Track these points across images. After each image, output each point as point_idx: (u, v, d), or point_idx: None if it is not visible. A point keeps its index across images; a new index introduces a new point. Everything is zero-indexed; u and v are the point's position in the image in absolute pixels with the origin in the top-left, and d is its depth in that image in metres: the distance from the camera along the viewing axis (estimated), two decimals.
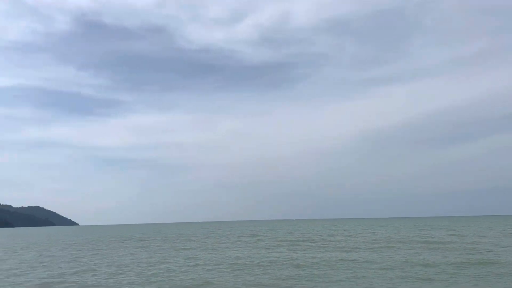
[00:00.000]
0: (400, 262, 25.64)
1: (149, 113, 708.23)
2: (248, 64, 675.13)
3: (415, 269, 22.95)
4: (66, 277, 23.27)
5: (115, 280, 21.75)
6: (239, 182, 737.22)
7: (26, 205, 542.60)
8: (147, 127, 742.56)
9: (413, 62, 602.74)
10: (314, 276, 21.29)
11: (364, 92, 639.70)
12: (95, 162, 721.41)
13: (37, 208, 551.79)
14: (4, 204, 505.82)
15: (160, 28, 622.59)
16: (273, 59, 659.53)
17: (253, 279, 20.89)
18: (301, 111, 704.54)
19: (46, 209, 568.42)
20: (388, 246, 37.87)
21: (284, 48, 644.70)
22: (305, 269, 23.86)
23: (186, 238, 66.85)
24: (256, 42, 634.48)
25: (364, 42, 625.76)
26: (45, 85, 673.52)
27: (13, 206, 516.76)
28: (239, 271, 23.66)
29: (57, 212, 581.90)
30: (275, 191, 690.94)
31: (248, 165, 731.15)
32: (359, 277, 20.67)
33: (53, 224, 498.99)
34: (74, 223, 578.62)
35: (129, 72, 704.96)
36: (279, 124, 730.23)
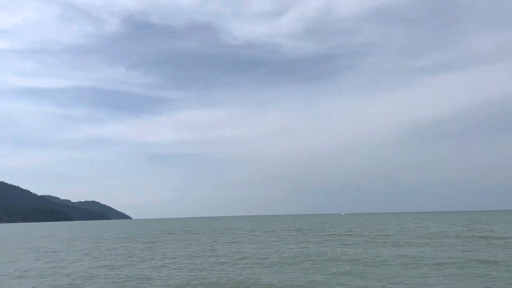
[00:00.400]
0: (455, 258, 24.25)
1: (196, 109, 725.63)
2: (293, 58, 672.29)
3: (472, 265, 21.58)
4: (114, 269, 23.98)
5: (162, 273, 22.09)
6: (287, 176, 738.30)
7: (83, 200, 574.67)
8: (194, 123, 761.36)
9: (465, 48, 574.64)
10: (366, 272, 20.53)
11: (413, 82, 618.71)
12: (146, 157, 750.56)
13: (93, 203, 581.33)
14: (64, 199, 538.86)
15: (204, 25, 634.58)
16: (318, 51, 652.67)
17: (302, 275, 20.46)
18: (348, 103, 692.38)
19: (102, 203, 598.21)
20: (442, 241, 36.08)
21: (329, 39, 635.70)
22: (357, 264, 23.10)
23: (233, 231, 67.44)
24: (300, 35, 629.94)
25: (412, 30, 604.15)
26: (98, 85, 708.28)
27: (72, 201, 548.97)
28: (288, 266, 23.31)
29: (111, 206, 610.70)
30: (323, 185, 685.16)
31: (295, 159, 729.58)
32: (413, 274, 19.68)
33: (108, 218, 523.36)
34: (128, 217, 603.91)
35: (177, 70, 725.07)
36: (326, 116, 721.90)
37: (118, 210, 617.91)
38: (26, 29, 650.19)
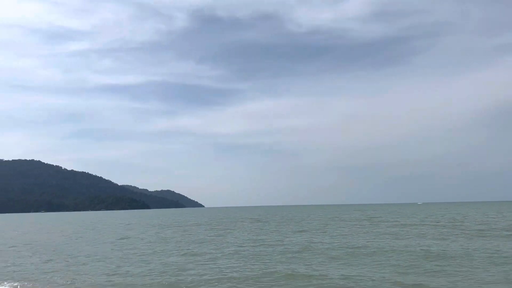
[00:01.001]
0: None
1: (263, 99, 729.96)
2: (360, 42, 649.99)
3: None
4: (185, 256, 24.58)
5: (229, 261, 22.22)
6: (357, 165, 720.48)
7: (159, 189, 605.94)
8: (261, 113, 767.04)
9: None
10: (445, 266, 18.98)
11: (494, 61, 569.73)
12: (216, 148, 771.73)
13: (169, 192, 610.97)
14: (142, 188, 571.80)
15: (269, 15, 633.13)
16: (387, 34, 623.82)
17: (373, 269, 19.34)
18: (421, 87, 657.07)
19: (176, 192, 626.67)
20: None
21: (399, 20, 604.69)
22: (433, 257, 21.45)
23: (301, 220, 66.74)
24: (367, 18, 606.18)
25: (493, 4, 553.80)
26: (169, 79, 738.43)
27: (149, 190, 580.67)
28: (358, 258, 22.25)
29: (185, 195, 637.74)
30: (398, 174, 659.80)
31: (366, 147, 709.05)
32: (498, 269, 17.83)
33: (182, 206, 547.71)
34: (200, 205, 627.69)
35: (243, 61, 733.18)
36: (397, 102, 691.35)
37: (191, 198, 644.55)
38: (104, 29, 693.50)
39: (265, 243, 30.92)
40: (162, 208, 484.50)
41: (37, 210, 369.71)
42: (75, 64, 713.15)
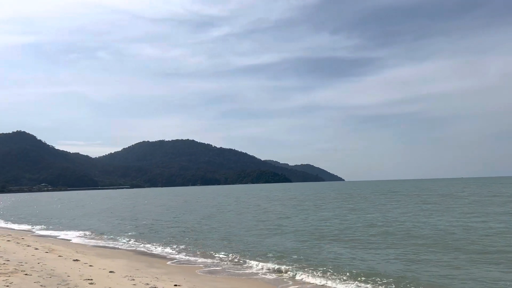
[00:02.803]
0: None
1: (404, 65, 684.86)
2: None
3: None
4: (337, 231, 26.10)
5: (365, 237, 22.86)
6: None
7: (299, 163, 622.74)
8: (403, 80, 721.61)
9: None
10: None
11: None
12: (355, 120, 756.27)
13: (308, 166, 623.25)
14: (283, 163, 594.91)
15: None
16: None
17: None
18: None
19: (316, 166, 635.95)
20: None
21: None
22: None
23: (446, 195, 61.83)
24: None
25: None
26: (305, 54, 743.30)
27: (290, 164, 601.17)
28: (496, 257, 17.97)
29: (325, 169, 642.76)
30: None
31: None
32: None
33: (322, 180, 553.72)
34: (340, 179, 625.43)
35: (380, 27, 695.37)
36: None
37: (331, 172, 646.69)
38: (241, 13, 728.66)
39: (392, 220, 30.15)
40: (303, 181, 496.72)
41: (194, 184, 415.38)
42: (218, 49, 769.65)
